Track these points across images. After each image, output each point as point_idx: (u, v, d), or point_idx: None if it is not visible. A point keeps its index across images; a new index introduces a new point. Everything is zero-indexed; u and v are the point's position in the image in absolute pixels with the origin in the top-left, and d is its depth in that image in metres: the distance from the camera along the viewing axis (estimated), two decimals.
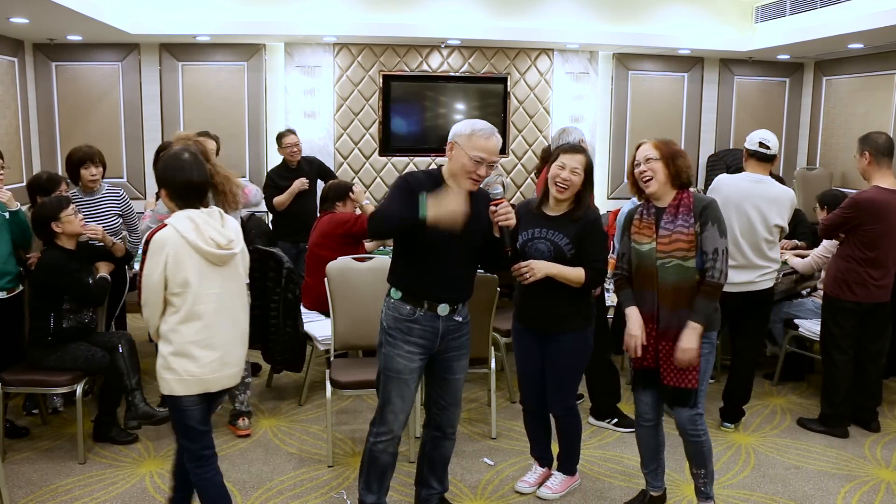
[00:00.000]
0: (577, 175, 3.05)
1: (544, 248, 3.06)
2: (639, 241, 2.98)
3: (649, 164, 2.93)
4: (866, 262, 3.93)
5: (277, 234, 5.64)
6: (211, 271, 2.59)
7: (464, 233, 2.69)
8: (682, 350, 2.86)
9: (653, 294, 2.94)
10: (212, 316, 2.60)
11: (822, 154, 7.26)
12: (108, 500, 3.32)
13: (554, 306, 3.13)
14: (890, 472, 3.67)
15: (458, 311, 2.90)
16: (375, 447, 2.92)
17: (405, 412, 2.91)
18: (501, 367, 4.59)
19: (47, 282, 3.68)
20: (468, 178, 2.75)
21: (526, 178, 7.00)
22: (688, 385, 2.92)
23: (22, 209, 3.86)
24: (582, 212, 3.08)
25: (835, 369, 4.07)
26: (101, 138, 5.91)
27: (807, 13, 6.02)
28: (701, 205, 2.92)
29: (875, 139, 3.94)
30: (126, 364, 3.76)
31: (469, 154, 2.72)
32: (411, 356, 2.84)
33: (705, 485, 3.09)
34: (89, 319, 3.84)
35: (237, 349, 2.70)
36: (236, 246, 2.64)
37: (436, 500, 3.17)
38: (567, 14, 6.58)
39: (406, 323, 2.83)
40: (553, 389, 3.24)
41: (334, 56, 6.69)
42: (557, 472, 3.45)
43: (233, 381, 2.71)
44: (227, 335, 2.65)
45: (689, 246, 2.86)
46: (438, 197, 2.61)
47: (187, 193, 2.62)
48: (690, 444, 3.04)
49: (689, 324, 2.86)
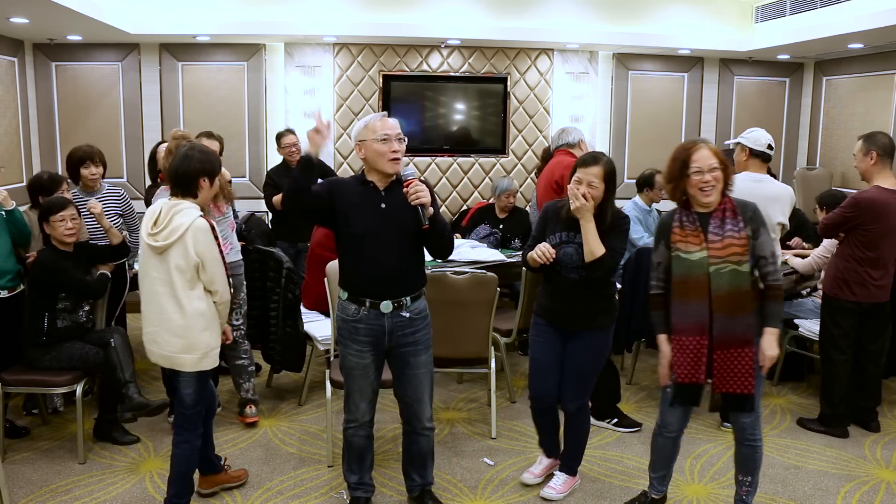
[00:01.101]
0: (594, 188, 3.05)
1: (572, 252, 3.12)
2: (686, 249, 2.87)
3: (714, 174, 2.82)
4: (866, 262, 3.93)
5: (276, 233, 5.64)
6: (150, 256, 2.93)
7: (387, 225, 2.84)
8: (770, 358, 2.84)
9: (704, 303, 2.83)
10: (146, 295, 2.98)
11: (822, 154, 7.26)
12: (108, 500, 3.32)
13: (579, 303, 3.17)
14: (890, 472, 3.67)
15: (404, 306, 2.93)
16: (347, 433, 3.12)
17: (365, 401, 3.06)
18: (501, 367, 4.59)
19: (41, 280, 3.69)
20: (387, 160, 2.85)
21: (526, 178, 7.00)
22: (747, 390, 2.84)
23: (18, 208, 3.86)
24: (606, 224, 3.08)
25: (834, 369, 4.07)
26: (101, 138, 5.91)
27: (807, 13, 6.02)
28: (749, 210, 2.87)
29: (881, 139, 3.94)
30: (118, 357, 3.72)
31: (374, 138, 2.84)
32: (361, 354, 2.96)
33: (748, 494, 3.05)
34: (85, 319, 3.84)
35: (167, 336, 2.93)
36: (161, 239, 2.87)
37: (417, 492, 3.23)
38: (567, 14, 6.58)
39: (351, 323, 2.94)
40: (570, 385, 3.27)
41: (334, 56, 6.69)
42: (560, 472, 3.45)
43: (164, 363, 3.01)
44: (155, 317, 2.95)
45: (742, 250, 2.81)
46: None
47: (169, 182, 3.04)
48: (746, 448, 2.99)
49: (768, 330, 2.84)
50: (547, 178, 4.24)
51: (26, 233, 3.91)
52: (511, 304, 4.98)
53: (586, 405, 3.34)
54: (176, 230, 2.85)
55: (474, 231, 5.70)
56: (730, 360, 2.84)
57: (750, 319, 2.84)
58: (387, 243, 2.88)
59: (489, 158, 7.00)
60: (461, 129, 6.99)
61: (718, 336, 2.84)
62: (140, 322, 3.04)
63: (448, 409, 4.45)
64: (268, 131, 6.67)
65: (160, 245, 2.86)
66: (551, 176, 4.17)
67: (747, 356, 2.83)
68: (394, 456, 3.73)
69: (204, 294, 2.94)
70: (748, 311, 2.83)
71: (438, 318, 3.82)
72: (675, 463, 3.21)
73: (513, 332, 4.50)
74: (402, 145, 2.88)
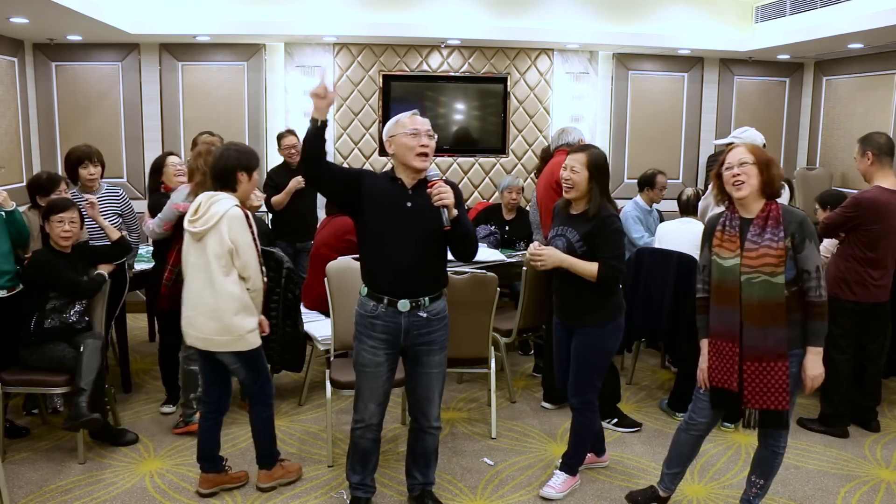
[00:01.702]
0: (576, 173, 3.14)
1: (560, 245, 3.20)
2: (721, 254, 2.84)
3: (743, 168, 2.77)
4: (866, 262, 3.93)
5: (276, 233, 5.64)
6: (191, 244, 3.16)
7: (411, 223, 2.84)
8: (813, 378, 2.78)
9: (735, 311, 2.80)
10: (186, 282, 3.21)
11: (822, 154, 7.25)
12: (108, 500, 3.32)
13: (575, 300, 3.23)
14: (890, 472, 3.67)
15: (422, 306, 2.93)
16: (354, 434, 3.13)
17: (375, 402, 3.06)
18: (501, 367, 4.59)
19: (33, 279, 3.70)
20: (416, 154, 2.86)
21: (526, 178, 6.99)
22: (780, 406, 2.78)
23: (18, 209, 3.86)
24: (593, 209, 3.14)
25: (834, 369, 4.07)
26: (101, 138, 5.91)
27: (807, 13, 6.02)
28: (794, 220, 2.75)
29: (876, 139, 3.95)
30: (81, 363, 3.61)
31: (405, 133, 2.86)
32: (375, 350, 2.97)
33: (756, 496, 3.04)
34: (76, 319, 3.82)
35: (203, 319, 3.14)
36: (198, 225, 3.10)
37: (418, 492, 3.24)
38: (567, 14, 6.58)
39: (369, 319, 2.96)
40: (571, 381, 3.32)
41: (334, 56, 6.69)
42: (559, 471, 3.45)
43: (198, 344, 3.20)
44: (193, 301, 3.16)
45: (777, 261, 2.71)
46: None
47: (210, 177, 3.30)
48: (766, 451, 2.97)
49: (811, 349, 2.79)
50: (547, 178, 4.24)
51: (25, 233, 3.91)
52: (511, 304, 4.98)
53: (589, 402, 3.33)
54: (212, 217, 3.08)
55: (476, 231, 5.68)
56: (762, 374, 2.77)
57: (783, 333, 2.74)
58: (409, 242, 2.87)
59: (489, 158, 7.00)
60: (461, 129, 6.99)
61: (748, 346, 2.79)
62: (139, 322, 3.05)
63: (448, 409, 4.45)
64: (268, 131, 6.67)
65: (198, 231, 3.10)
66: (551, 176, 4.17)
67: (780, 370, 2.75)
68: (394, 456, 3.74)
69: (238, 280, 3.13)
70: (780, 324, 2.74)
71: None
72: (690, 464, 3.18)
73: (513, 332, 4.51)
74: (432, 141, 2.90)
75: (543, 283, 4.45)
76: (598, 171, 3.15)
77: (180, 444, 3.89)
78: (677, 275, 4.18)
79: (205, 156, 3.73)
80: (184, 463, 3.69)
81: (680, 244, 4.28)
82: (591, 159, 3.15)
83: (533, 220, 4.92)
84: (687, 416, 3.09)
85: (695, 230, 4.27)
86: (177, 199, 3.88)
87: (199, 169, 3.74)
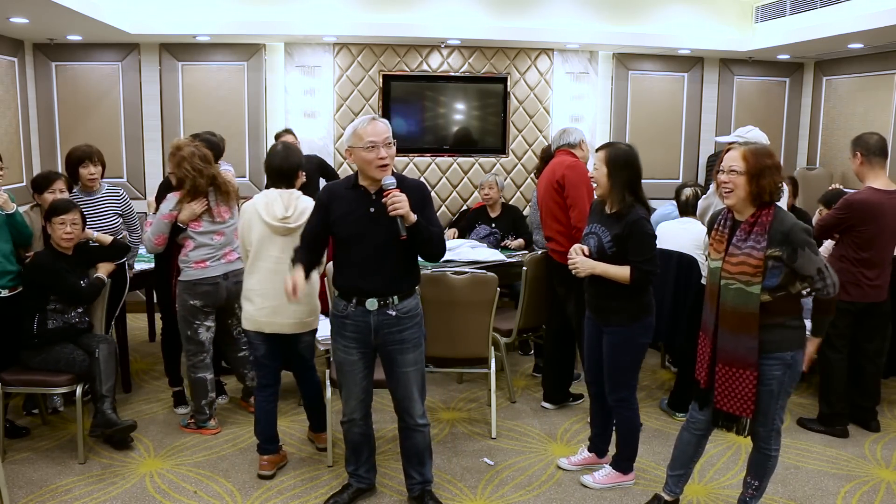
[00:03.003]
0: (597, 170, 3.21)
1: (591, 244, 3.23)
2: (710, 254, 2.87)
3: (731, 177, 2.72)
4: (860, 263, 3.94)
5: None
6: (273, 238, 3.38)
7: (375, 229, 2.89)
8: (808, 354, 2.85)
9: (713, 311, 2.82)
10: (269, 273, 3.38)
11: (821, 154, 7.25)
12: (108, 500, 3.32)
13: (602, 299, 3.27)
14: (890, 472, 3.67)
15: (391, 305, 2.96)
16: (343, 425, 3.24)
17: (355, 398, 3.13)
18: (501, 367, 4.59)
19: (34, 280, 3.70)
20: (375, 166, 2.87)
21: (526, 178, 6.99)
22: (745, 413, 2.79)
23: (19, 210, 3.86)
24: (617, 206, 3.17)
25: (830, 368, 4.08)
26: (101, 138, 5.90)
27: (807, 13, 6.02)
28: (781, 230, 2.65)
29: (866, 140, 3.96)
30: (100, 369, 3.69)
31: (361, 146, 2.87)
32: (348, 349, 3.04)
33: (752, 497, 3.04)
34: (78, 320, 3.82)
35: (292, 306, 3.30)
36: (292, 221, 3.37)
37: (418, 492, 3.25)
38: (567, 14, 6.57)
39: (340, 318, 3.03)
40: (606, 380, 3.36)
41: (334, 56, 6.69)
42: (608, 466, 3.51)
43: (286, 330, 3.46)
44: (281, 291, 3.04)
45: (754, 271, 2.66)
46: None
47: (272, 176, 3.51)
48: (759, 454, 2.98)
49: (812, 340, 2.87)
50: (548, 178, 4.24)
51: (26, 234, 3.91)
52: (511, 304, 4.98)
53: (626, 399, 3.35)
54: (304, 212, 3.34)
55: (474, 231, 5.69)
56: (732, 379, 2.79)
57: (754, 343, 2.71)
58: (374, 246, 2.91)
59: (489, 158, 6.99)
60: (461, 129, 6.99)
61: (721, 349, 2.81)
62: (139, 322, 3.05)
63: (448, 409, 4.45)
64: (268, 131, 6.67)
65: (294, 226, 3.36)
66: (552, 176, 4.17)
67: (748, 379, 2.75)
68: (394, 456, 3.74)
69: None
70: (752, 333, 2.71)
71: (438, 318, 3.84)
72: (694, 465, 3.17)
73: (513, 332, 4.51)
74: (391, 150, 2.89)
75: (543, 284, 4.46)
76: (616, 167, 3.15)
77: (180, 445, 3.89)
78: (677, 275, 4.17)
79: (189, 160, 3.74)
80: (184, 463, 3.69)
81: (680, 244, 4.27)
82: (609, 155, 3.17)
83: (533, 220, 4.92)
84: (689, 414, 3.11)
85: (695, 230, 4.27)
86: (164, 210, 3.81)
87: (188, 175, 3.74)
